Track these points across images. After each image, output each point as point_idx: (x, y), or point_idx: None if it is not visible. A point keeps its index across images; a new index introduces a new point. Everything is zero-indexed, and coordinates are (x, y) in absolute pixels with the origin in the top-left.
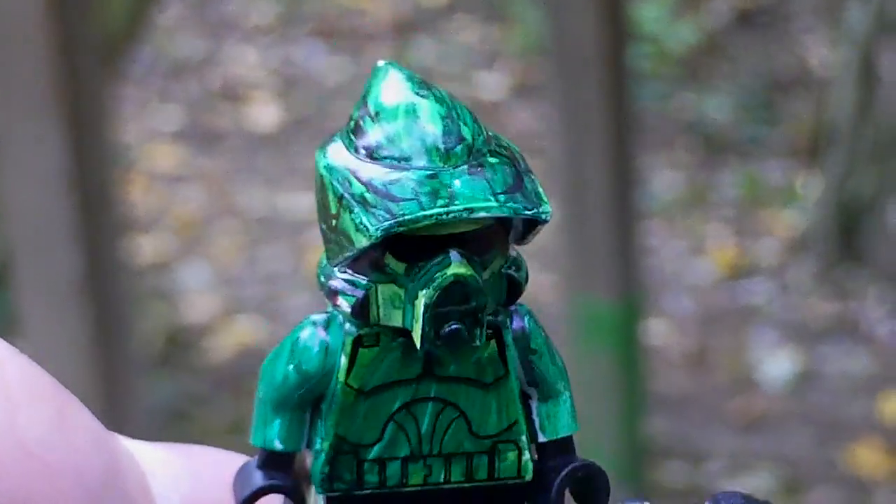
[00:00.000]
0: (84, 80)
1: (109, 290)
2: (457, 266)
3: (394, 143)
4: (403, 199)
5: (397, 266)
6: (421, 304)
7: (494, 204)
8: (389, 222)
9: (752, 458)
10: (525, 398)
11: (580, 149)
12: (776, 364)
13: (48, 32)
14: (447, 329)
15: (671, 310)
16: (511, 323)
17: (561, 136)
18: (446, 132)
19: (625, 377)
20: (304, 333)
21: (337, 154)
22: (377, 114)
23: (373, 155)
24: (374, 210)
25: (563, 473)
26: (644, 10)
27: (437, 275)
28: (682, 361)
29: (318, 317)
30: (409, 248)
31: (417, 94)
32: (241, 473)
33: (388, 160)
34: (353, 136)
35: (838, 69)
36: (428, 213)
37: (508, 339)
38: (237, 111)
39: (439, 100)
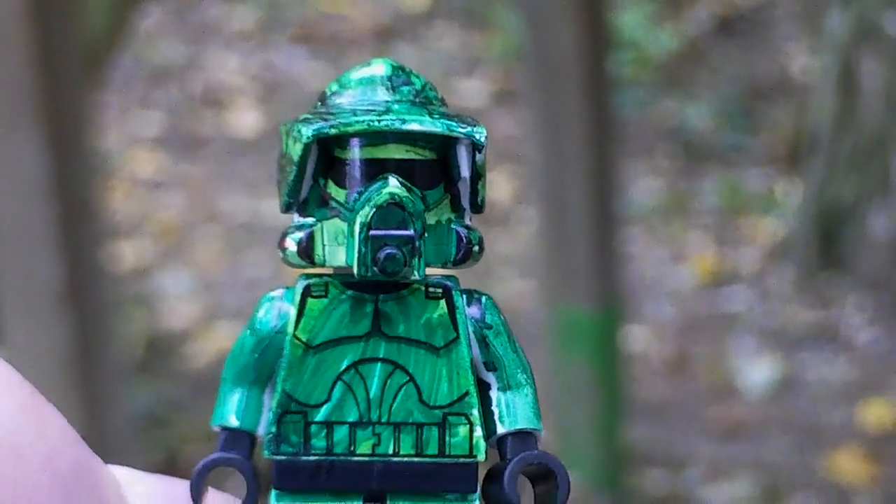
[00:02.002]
0: (64, 87)
1: (90, 296)
2: (394, 187)
3: (348, 97)
4: (340, 113)
5: (339, 194)
6: (357, 223)
7: (428, 119)
8: (320, 124)
9: (731, 464)
10: (485, 389)
11: (560, 156)
12: (756, 371)
13: (28, 39)
14: (383, 252)
15: (651, 317)
16: (469, 305)
17: (541, 143)
18: (395, 74)
19: (604, 384)
20: (263, 305)
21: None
22: (340, 81)
23: (326, 101)
24: (311, 122)
25: (516, 459)
26: (624, 17)
27: (374, 195)
28: (662, 368)
29: (277, 291)
30: (346, 172)
31: (380, 62)
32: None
33: (338, 99)
34: (317, 103)
35: (818, 76)
36: (360, 119)
37: (459, 301)
38: (218, 117)
39: (396, 63)
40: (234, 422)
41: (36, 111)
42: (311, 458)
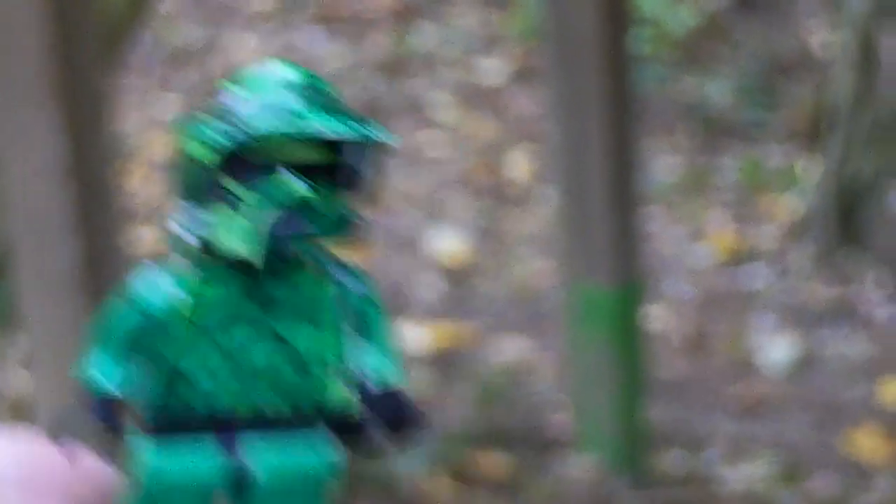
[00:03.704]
0: (83, 70)
1: (109, 280)
2: (293, 184)
3: (250, 88)
4: (250, 115)
5: (236, 188)
6: (259, 221)
7: (344, 128)
8: (230, 129)
9: (751, 443)
10: (351, 349)
11: (579, 134)
12: (776, 349)
13: (46, 21)
14: (285, 249)
15: (671, 295)
16: (347, 279)
17: (561, 121)
18: (306, 83)
19: (624, 363)
20: (146, 279)
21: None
22: (238, 81)
23: (231, 101)
24: (222, 127)
25: (368, 406)
26: None
27: (273, 192)
28: (682, 347)
29: (153, 266)
30: (248, 170)
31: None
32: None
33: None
34: (217, 107)
35: (838, 52)
36: (280, 130)
37: (340, 279)
38: None
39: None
40: (114, 390)
41: (54, 94)
42: (189, 417)
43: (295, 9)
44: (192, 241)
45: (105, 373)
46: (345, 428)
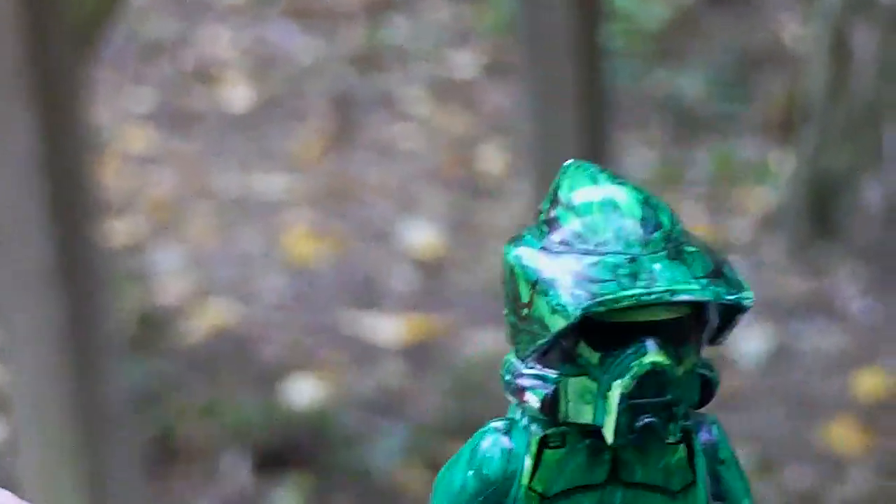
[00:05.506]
0: (55, 63)
1: (83, 273)
2: (654, 354)
3: (591, 231)
4: (602, 280)
5: (591, 356)
6: (616, 394)
7: (696, 287)
8: (589, 302)
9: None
10: None
11: (553, 128)
12: (750, 342)
13: (18, 14)
14: (641, 422)
15: None
16: (699, 431)
17: (533, 116)
18: (645, 220)
19: None
20: (485, 439)
21: (528, 245)
22: (572, 207)
23: (568, 244)
24: (572, 290)
25: None
26: None
27: (633, 363)
28: None
29: (499, 423)
30: (604, 335)
31: (613, 184)
32: None
33: (584, 248)
34: (544, 229)
35: (811, 45)
36: (629, 293)
37: (698, 445)
38: (210, 92)
39: (636, 189)
40: None
41: (27, 87)
42: None
43: (267, 2)
44: (536, 404)
45: None
46: None
